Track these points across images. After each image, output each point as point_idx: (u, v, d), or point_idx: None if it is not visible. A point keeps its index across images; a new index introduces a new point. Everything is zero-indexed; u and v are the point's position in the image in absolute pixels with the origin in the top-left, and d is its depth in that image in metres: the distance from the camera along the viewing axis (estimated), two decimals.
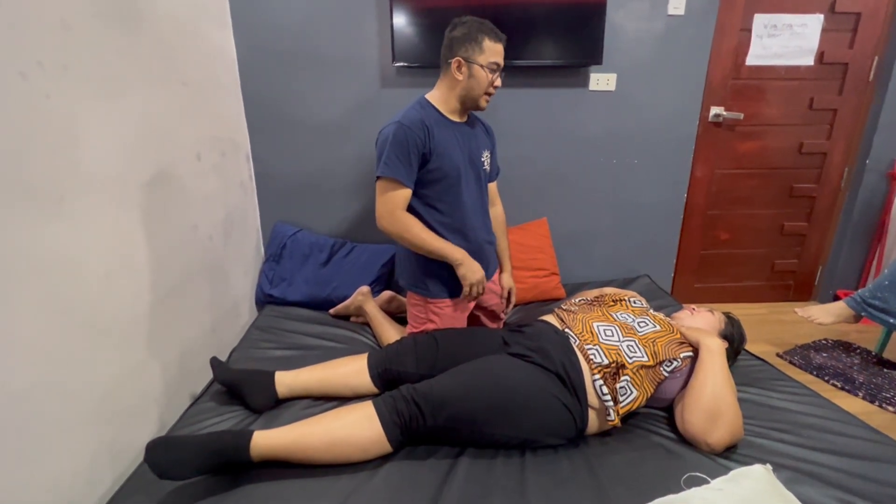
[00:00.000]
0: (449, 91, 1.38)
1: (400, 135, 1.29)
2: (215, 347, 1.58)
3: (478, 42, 1.30)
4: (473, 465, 1.04)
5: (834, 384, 1.76)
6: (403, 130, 1.30)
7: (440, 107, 1.40)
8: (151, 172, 1.25)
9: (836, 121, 2.22)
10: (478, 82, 1.34)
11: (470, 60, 1.32)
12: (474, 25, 1.32)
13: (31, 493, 0.87)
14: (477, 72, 1.32)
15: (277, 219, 2.08)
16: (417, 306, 1.51)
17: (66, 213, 0.95)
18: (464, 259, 1.36)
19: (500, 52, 1.34)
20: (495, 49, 1.32)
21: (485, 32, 1.31)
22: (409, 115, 1.33)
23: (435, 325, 1.48)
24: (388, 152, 1.30)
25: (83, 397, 1.00)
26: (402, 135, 1.30)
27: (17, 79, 0.85)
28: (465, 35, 1.31)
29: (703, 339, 1.20)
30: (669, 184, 2.19)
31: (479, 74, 1.33)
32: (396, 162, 1.30)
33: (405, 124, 1.30)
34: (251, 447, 0.98)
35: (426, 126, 1.33)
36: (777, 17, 2.06)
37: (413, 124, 1.31)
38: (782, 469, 1.01)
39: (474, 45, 1.31)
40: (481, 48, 1.31)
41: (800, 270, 2.47)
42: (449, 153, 1.37)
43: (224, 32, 1.77)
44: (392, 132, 1.30)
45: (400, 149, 1.30)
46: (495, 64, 1.33)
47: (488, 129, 1.59)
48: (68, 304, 0.96)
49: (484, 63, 1.32)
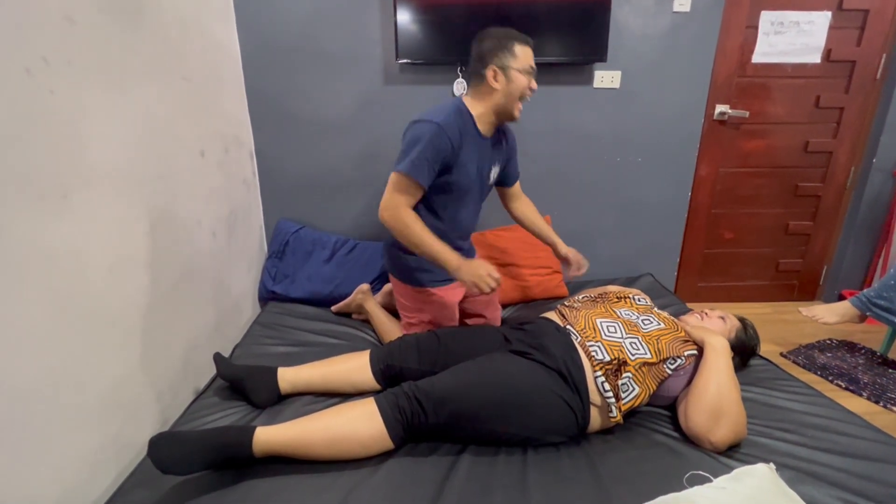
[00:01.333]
0: (485, 103, 1.37)
1: (436, 138, 1.27)
2: (219, 343, 1.59)
3: (509, 49, 1.31)
4: (475, 463, 1.04)
5: (838, 384, 1.75)
6: (440, 135, 1.28)
7: (476, 118, 1.38)
8: (155, 168, 1.25)
9: (843, 119, 2.21)
10: (517, 86, 1.33)
11: (505, 67, 1.31)
12: (502, 34, 1.32)
13: (36, 486, 0.88)
14: (515, 76, 1.32)
15: (280, 215, 2.08)
16: (407, 296, 1.52)
17: (70, 208, 0.96)
18: (460, 264, 1.30)
19: (531, 56, 1.34)
20: (527, 53, 1.33)
21: (514, 38, 1.32)
22: (448, 121, 1.30)
23: (428, 315, 1.49)
24: (420, 151, 1.27)
25: (87, 391, 1.00)
26: (438, 139, 1.27)
27: (21, 74, 0.85)
28: (496, 44, 1.31)
29: (707, 338, 1.19)
30: (673, 182, 2.18)
31: (518, 79, 1.32)
32: (423, 163, 1.28)
33: (444, 128, 1.28)
34: (254, 443, 0.98)
35: (461, 136, 1.32)
36: (784, 14, 2.04)
37: (450, 131, 1.29)
38: (786, 468, 1.00)
39: (506, 53, 1.31)
40: (514, 54, 1.31)
41: (804, 270, 2.46)
42: (467, 169, 1.37)
43: (228, 28, 1.77)
44: (429, 132, 1.27)
45: (431, 151, 1.28)
46: (530, 67, 1.34)
47: (510, 139, 1.56)
48: (72, 298, 0.96)
49: (519, 67, 1.32)
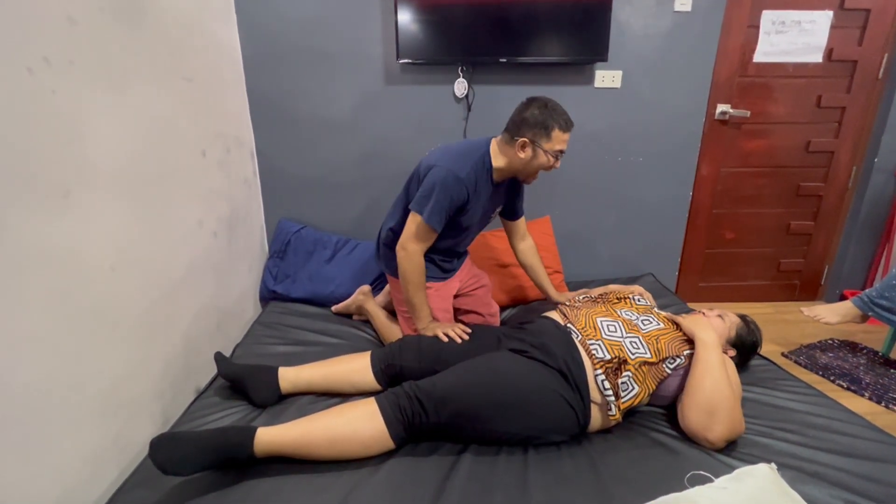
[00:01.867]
0: (509, 160, 1.39)
1: (452, 189, 1.33)
2: (220, 343, 1.59)
3: (548, 130, 1.33)
4: (476, 463, 1.04)
5: (840, 384, 1.75)
6: (457, 186, 1.33)
7: (495, 170, 1.41)
8: (156, 168, 1.26)
9: (845, 119, 2.20)
10: (539, 163, 1.37)
11: (536, 144, 1.34)
12: (548, 112, 1.33)
13: (38, 485, 0.88)
14: (540, 155, 1.35)
15: (282, 215, 2.08)
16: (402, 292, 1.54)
17: (71, 208, 0.96)
18: (428, 325, 1.42)
19: (566, 141, 1.37)
20: (563, 138, 1.35)
21: (556, 121, 1.33)
22: (469, 175, 1.35)
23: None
24: (436, 199, 1.33)
25: (89, 391, 1.00)
26: (453, 189, 1.33)
27: (23, 74, 0.85)
28: (538, 121, 1.33)
29: (697, 332, 1.19)
30: (675, 182, 2.18)
31: (542, 158, 1.36)
32: (440, 211, 1.34)
33: (462, 180, 1.33)
34: (255, 444, 0.98)
35: (476, 188, 1.37)
36: (785, 14, 2.04)
37: (468, 183, 1.35)
38: (787, 468, 1.00)
39: (543, 132, 1.33)
40: (549, 137, 1.33)
41: (806, 270, 2.46)
42: (475, 211, 1.43)
43: (229, 28, 1.78)
44: (445, 182, 1.32)
45: (446, 200, 1.34)
46: (559, 152, 1.36)
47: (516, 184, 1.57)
48: (74, 298, 0.96)
49: (549, 149, 1.35)
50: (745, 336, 1.34)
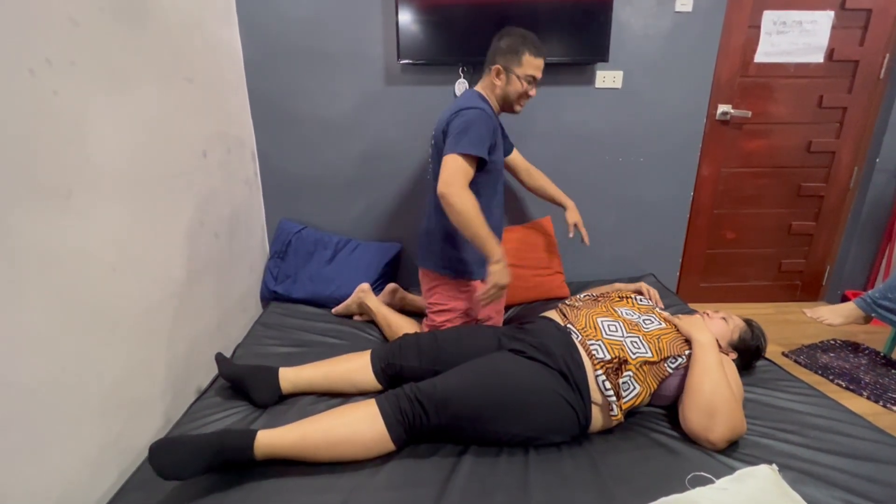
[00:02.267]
0: (490, 92, 1.48)
1: (484, 121, 1.36)
2: (221, 343, 1.59)
3: (518, 55, 1.41)
4: (476, 463, 1.04)
5: (839, 384, 1.74)
6: (487, 118, 1.37)
7: (491, 104, 1.47)
8: (158, 168, 1.26)
9: (846, 119, 2.20)
10: (513, 89, 1.44)
11: (508, 70, 1.42)
12: (519, 38, 1.42)
13: (40, 485, 0.88)
14: (513, 81, 1.43)
15: (282, 216, 2.08)
16: (444, 286, 1.53)
17: (73, 209, 0.96)
18: (501, 258, 1.34)
19: (538, 67, 1.44)
20: (534, 63, 1.42)
21: (527, 46, 1.41)
22: (483, 106, 1.39)
23: (463, 304, 1.52)
24: (476, 131, 1.34)
25: (91, 391, 1.01)
26: (487, 121, 1.37)
27: (25, 75, 0.86)
28: (509, 47, 1.41)
29: (694, 333, 1.19)
30: (675, 182, 2.17)
31: (515, 83, 1.43)
32: (482, 142, 1.35)
33: (487, 112, 1.38)
34: (255, 447, 0.98)
35: (495, 118, 1.43)
36: (786, 14, 2.04)
37: (491, 115, 1.40)
38: (788, 469, 1.00)
39: (515, 57, 1.41)
40: (520, 61, 1.41)
41: (807, 270, 2.45)
42: (499, 148, 1.48)
43: (230, 29, 1.78)
44: (477, 116, 1.35)
45: (485, 130, 1.36)
46: (531, 77, 1.43)
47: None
48: (76, 298, 0.97)
49: (521, 74, 1.42)
50: (748, 340, 1.33)
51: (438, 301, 1.55)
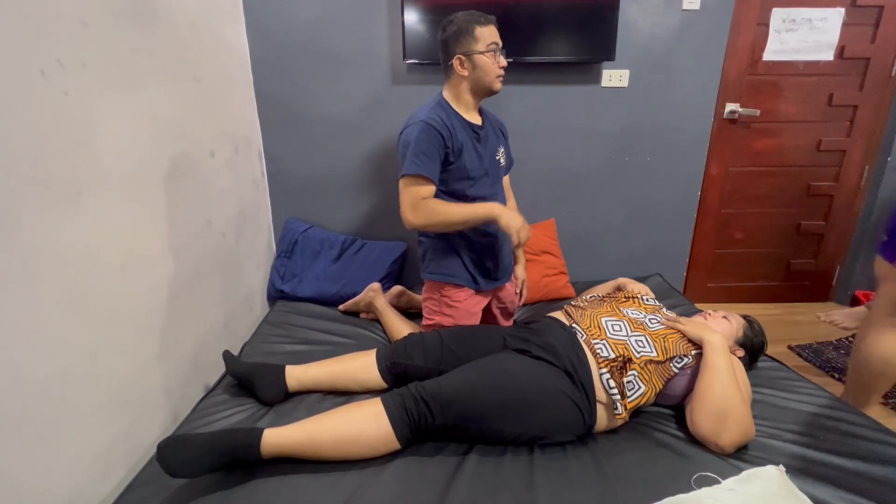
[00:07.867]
0: (459, 89, 1.40)
1: (424, 133, 1.31)
2: (228, 341, 1.60)
3: (470, 33, 1.32)
4: (481, 463, 1.04)
5: (833, 375, 1.74)
6: (428, 129, 1.31)
7: (457, 107, 1.41)
8: (166, 168, 1.27)
9: (857, 118, 2.17)
10: (484, 70, 1.35)
11: (468, 53, 1.33)
12: (461, 18, 1.33)
13: (50, 479, 0.90)
14: (479, 60, 1.34)
15: (289, 215, 2.10)
16: (432, 299, 1.52)
17: (83, 208, 0.97)
18: (501, 210, 1.34)
19: (494, 33, 1.34)
20: (488, 32, 1.33)
21: (473, 21, 1.32)
22: (431, 115, 1.34)
23: (451, 319, 1.48)
24: (413, 150, 1.31)
25: (100, 388, 1.02)
26: (427, 133, 1.31)
27: (37, 76, 0.87)
28: (456, 31, 1.33)
29: (705, 336, 1.18)
30: (683, 182, 2.16)
31: (483, 61, 1.34)
32: (422, 159, 1.31)
33: (430, 123, 1.31)
34: (262, 445, 0.99)
35: (448, 126, 1.34)
36: (796, 12, 2.02)
37: (437, 123, 1.32)
38: (795, 471, 0.99)
39: (468, 37, 1.32)
40: (475, 37, 1.32)
41: (817, 271, 2.43)
42: (469, 153, 1.40)
43: (237, 30, 1.79)
44: (417, 131, 1.32)
45: (426, 146, 1.31)
46: (494, 45, 1.34)
47: (500, 127, 1.60)
48: (85, 296, 0.98)
49: (483, 49, 1.33)
50: (752, 337, 1.33)
51: (428, 315, 1.55)
